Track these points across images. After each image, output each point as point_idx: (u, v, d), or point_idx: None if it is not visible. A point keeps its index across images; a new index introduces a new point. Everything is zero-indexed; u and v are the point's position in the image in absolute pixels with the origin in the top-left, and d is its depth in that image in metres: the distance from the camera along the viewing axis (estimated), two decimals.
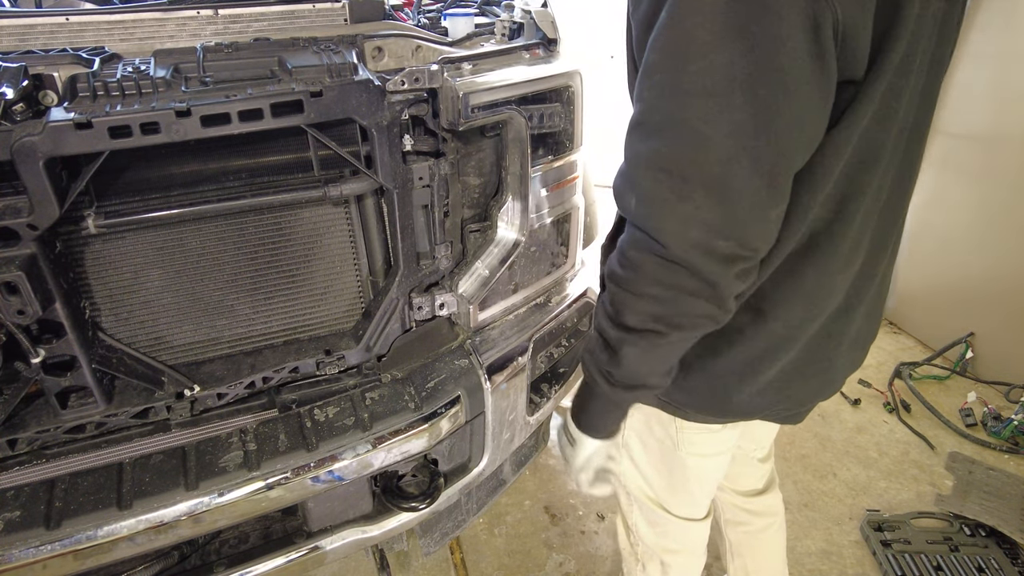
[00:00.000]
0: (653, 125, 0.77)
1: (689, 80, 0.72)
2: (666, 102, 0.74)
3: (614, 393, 0.94)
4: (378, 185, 1.23)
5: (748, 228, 0.76)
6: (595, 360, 0.94)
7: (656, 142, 0.76)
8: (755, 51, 0.69)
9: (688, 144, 0.73)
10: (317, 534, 1.32)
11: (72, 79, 0.99)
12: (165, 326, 1.25)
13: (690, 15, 0.71)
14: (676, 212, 0.76)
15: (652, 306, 0.82)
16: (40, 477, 1.12)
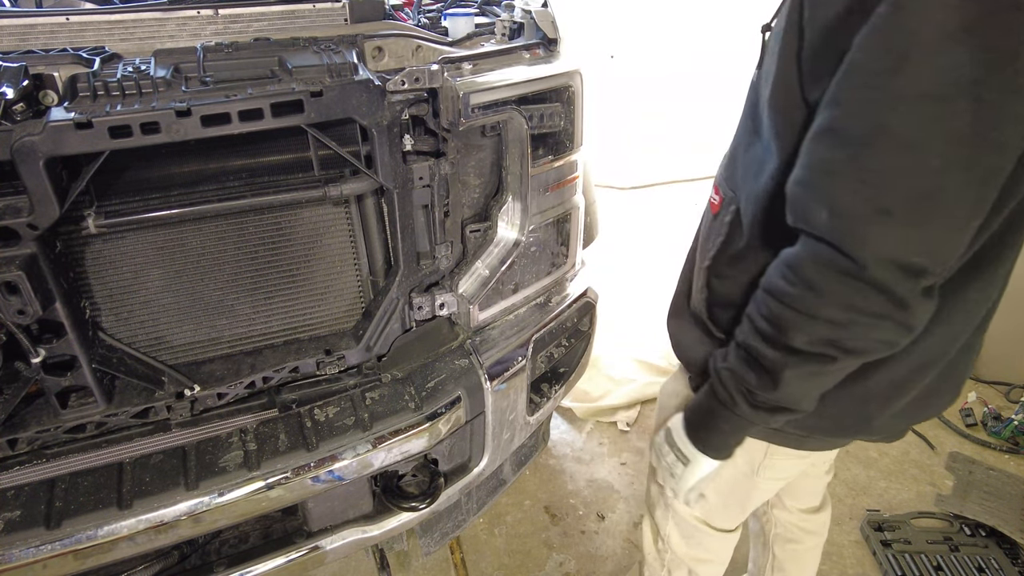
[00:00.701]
0: (854, 131, 0.71)
1: (906, 83, 0.66)
2: (873, 107, 0.69)
3: (754, 415, 0.89)
4: (378, 185, 1.23)
5: (948, 243, 0.72)
6: (739, 380, 0.88)
7: (856, 150, 0.71)
8: (989, 52, 0.63)
9: (896, 153, 0.68)
10: (317, 534, 1.32)
11: (72, 79, 0.99)
12: (165, 326, 1.25)
13: (918, 10, 0.64)
14: (876, 227, 0.71)
15: (828, 330, 0.77)
16: (40, 477, 1.12)
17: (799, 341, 0.80)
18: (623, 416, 2.57)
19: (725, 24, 7.22)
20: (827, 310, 0.76)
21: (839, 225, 0.73)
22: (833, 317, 0.76)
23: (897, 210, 0.69)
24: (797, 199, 0.79)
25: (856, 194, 0.71)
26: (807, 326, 0.78)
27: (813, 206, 0.75)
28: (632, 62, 5.72)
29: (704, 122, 5.44)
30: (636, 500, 2.22)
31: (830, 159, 0.73)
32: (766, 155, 0.90)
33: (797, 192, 0.78)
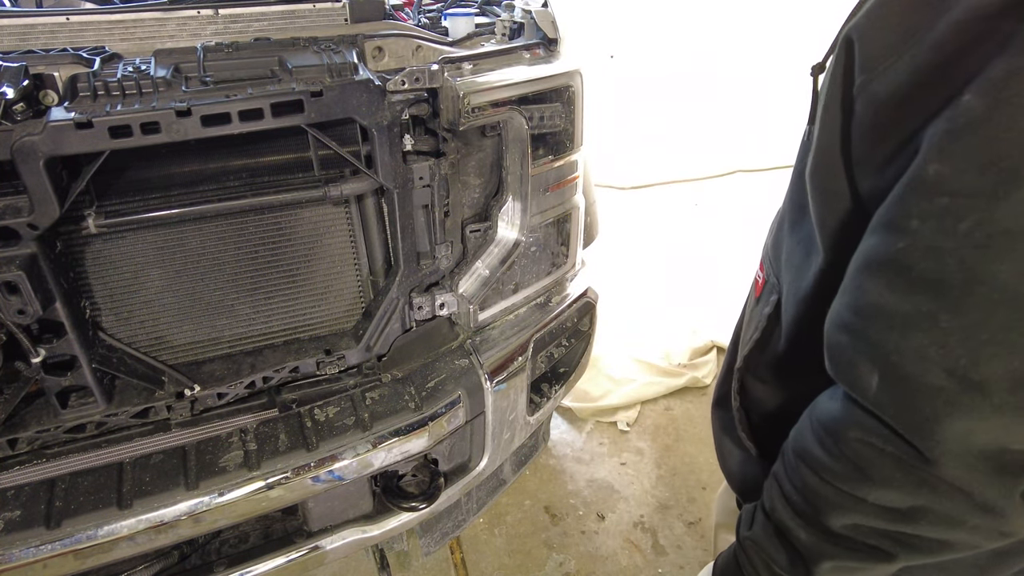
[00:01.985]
0: (927, 273, 0.50)
1: (1012, 214, 0.46)
2: (961, 242, 0.48)
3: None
4: (378, 185, 1.23)
5: None
6: (766, 558, 0.70)
7: (933, 301, 0.50)
8: None
9: (997, 314, 0.48)
10: (317, 534, 1.32)
11: (72, 79, 0.99)
12: (165, 326, 1.25)
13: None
14: (958, 410, 0.50)
15: (883, 520, 0.58)
16: (40, 477, 1.12)
17: (840, 525, 0.61)
18: (623, 416, 2.57)
19: (725, 24, 7.23)
20: (882, 496, 0.57)
21: (899, 401, 0.53)
22: (891, 504, 0.57)
23: (993, 386, 0.49)
24: (838, 350, 0.59)
25: (928, 361, 0.51)
26: (855, 509, 0.59)
27: (861, 365, 0.56)
28: (632, 62, 5.72)
29: (704, 122, 5.45)
30: (636, 500, 2.22)
31: (888, 306, 0.53)
32: (811, 245, 0.71)
33: (839, 341, 0.58)
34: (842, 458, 0.58)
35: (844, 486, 0.59)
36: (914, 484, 0.55)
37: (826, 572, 0.64)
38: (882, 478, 0.56)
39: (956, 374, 0.50)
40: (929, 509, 0.55)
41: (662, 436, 2.51)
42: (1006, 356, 0.49)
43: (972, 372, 0.50)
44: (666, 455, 2.42)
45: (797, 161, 0.78)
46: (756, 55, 5.95)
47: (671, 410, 2.65)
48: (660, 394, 2.69)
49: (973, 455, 0.51)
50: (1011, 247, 0.47)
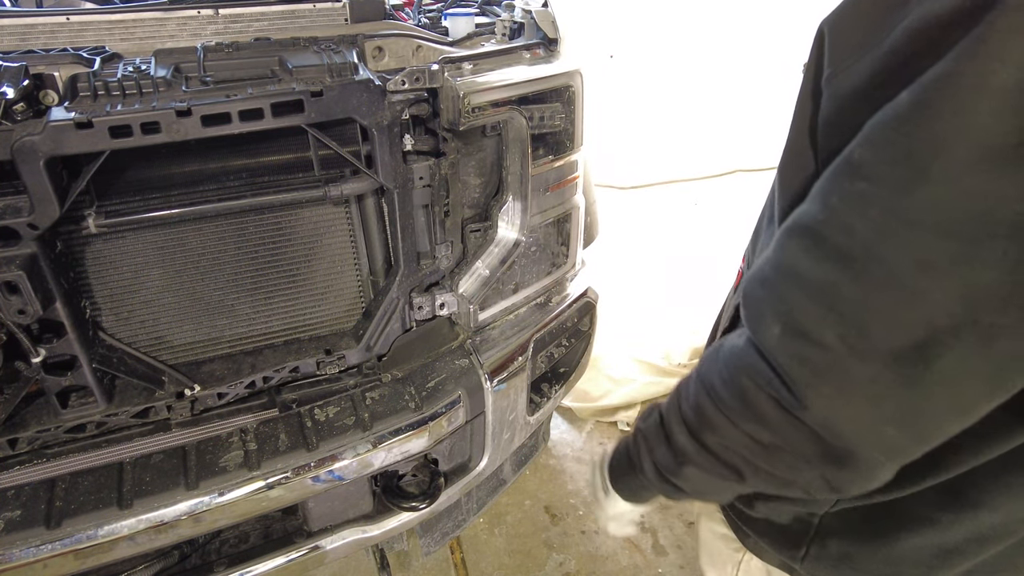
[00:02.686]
0: (838, 247, 0.54)
1: (918, 208, 0.49)
2: (869, 225, 0.52)
3: (658, 486, 0.82)
4: (378, 185, 1.23)
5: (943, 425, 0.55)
6: (650, 448, 0.80)
7: (836, 271, 0.54)
8: None
9: (888, 294, 0.52)
10: (317, 534, 1.32)
11: (73, 79, 0.99)
12: (165, 326, 1.25)
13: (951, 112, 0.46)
14: (837, 373, 0.55)
15: (747, 447, 0.66)
16: (41, 476, 1.12)
17: (713, 442, 0.69)
18: (623, 416, 2.57)
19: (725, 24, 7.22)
20: (754, 428, 0.64)
21: (792, 353, 0.58)
22: (759, 437, 0.64)
23: (876, 364, 0.53)
24: (752, 299, 0.64)
25: (824, 325, 0.55)
26: (728, 433, 0.67)
27: (768, 317, 0.60)
28: (632, 62, 5.71)
29: (704, 122, 5.44)
30: None
31: (803, 270, 0.57)
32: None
33: (755, 291, 0.63)
34: (732, 390, 0.65)
35: (726, 412, 0.66)
36: (782, 425, 0.61)
37: (689, 474, 0.75)
38: (758, 414, 0.63)
39: (846, 341, 0.54)
40: (788, 449, 0.62)
41: None
42: (888, 333, 0.52)
43: (859, 342, 0.54)
44: None
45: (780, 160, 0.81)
46: (756, 55, 5.95)
47: None
48: (660, 394, 2.69)
49: (839, 412, 0.57)
50: (907, 238, 0.50)
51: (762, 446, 0.64)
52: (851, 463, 0.59)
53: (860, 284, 0.53)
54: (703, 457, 0.71)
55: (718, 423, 0.68)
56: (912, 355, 0.52)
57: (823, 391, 0.56)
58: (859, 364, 0.54)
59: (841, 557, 0.83)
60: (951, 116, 0.46)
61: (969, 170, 0.46)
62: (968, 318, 0.49)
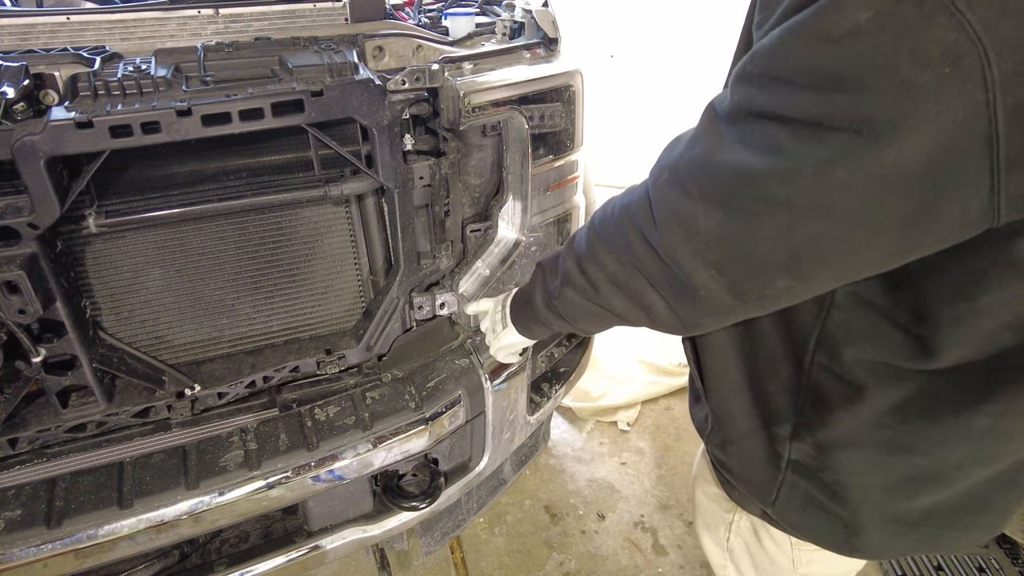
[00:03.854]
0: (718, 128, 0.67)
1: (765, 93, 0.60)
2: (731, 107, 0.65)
3: (543, 313, 0.97)
4: (379, 184, 1.23)
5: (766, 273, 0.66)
6: (543, 277, 0.96)
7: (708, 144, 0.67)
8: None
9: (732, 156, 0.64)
10: (317, 533, 1.32)
11: (73, 78, 0.99)
12: (166, 325, 1.25)
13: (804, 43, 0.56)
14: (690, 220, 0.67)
15: (614, 269, 0.80)
16: (41, 476, 1.12)
17: (589, 266, 0.83)
18: (623, 416, 2.57)
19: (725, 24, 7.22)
20: (620, 252, 0.78)
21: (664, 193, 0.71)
22: (622, 259, 0.78)
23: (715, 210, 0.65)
24: (662, 153, 0.77)
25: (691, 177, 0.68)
26: (602, 257, 0.81)
27: (663, 165, 0.73)
28: (632, 62, 5.72)
29: None
30: (636, 500, 2.22)
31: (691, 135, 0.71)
32: None
33: (666, 148, 0.77)
34: (615, 225, 0.79)
35: (605, 240, 0.80)
36: (643, 251, 0.74)
37: (566, 294, 0.89)
38: (627, 242, 0.76)
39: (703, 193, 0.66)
40: (641, 271, 0.75)
41: (662, 436, 2.51)
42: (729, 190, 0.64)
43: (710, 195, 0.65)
44: (666, 455, 2.42)
45: None
46: None
47: (671, 409, 2.65)
48: (660, 393, 2.69)
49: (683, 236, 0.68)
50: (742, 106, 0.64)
51: (622, 266, 0.78)
52: (689, 293, 0.71)
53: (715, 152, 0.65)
54: (579, 279, 0.85)
55: (597, 250, 0.82)
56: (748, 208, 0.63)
57: (676, 231, 0.69)
58: (705, 214, 0.66)
59: (807, 499, 0.89)
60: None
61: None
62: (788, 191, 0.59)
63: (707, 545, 1.21)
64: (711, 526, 1.17)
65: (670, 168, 0.71)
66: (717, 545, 1.16)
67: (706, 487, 1.16)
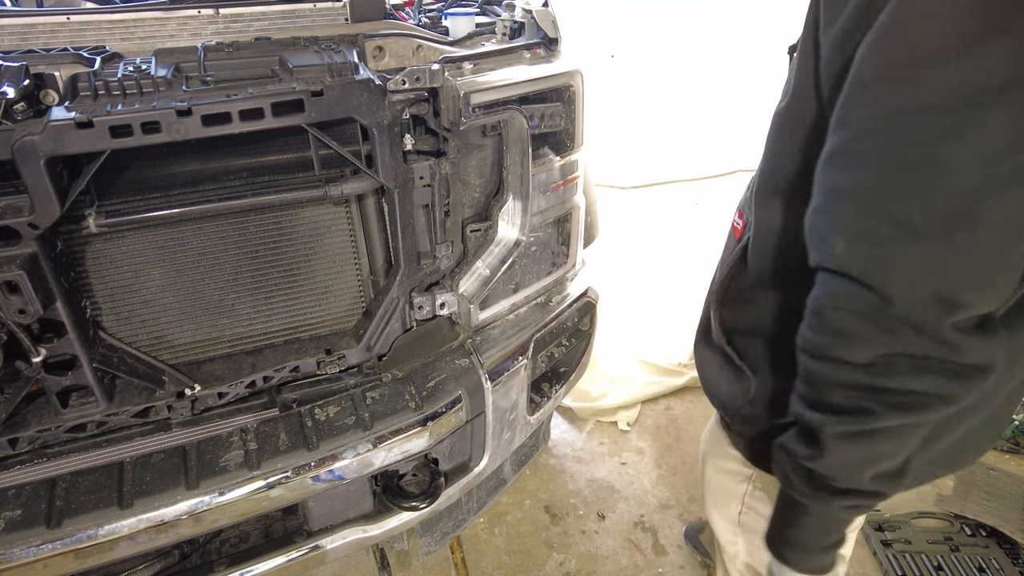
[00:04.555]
0: (865, 152, 0.64)
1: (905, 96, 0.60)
2: (875, 123, 0.63)
3: (818, 500, 0.78)
4: (379, 184, 1.23)
5: (992, 270, 0.63)
6: (791, 456, 0.79)
7: (870, 171, 0.64)
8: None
9: (904, 173, 0.61)
10: (318, 533, 1.32)
11: (73, 78, 0.99)
12: (166, 325, 1.25)
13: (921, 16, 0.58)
14: (902, 249, 0.63)
15: (865, 376, 0.68)
16: (41, 476, 1.12)
17: (837, 396, 0.71)
18: (624, 416, 2.57)
19: (725, 24, 7.22)
20: (858, 353, 0.67)
21: (858, 254, 0.65)
22: (867, 361, 0.67)
23: (926, 230, 0.61)
24: (815, 230, 0.71)
25: (873, 216, 0.64)
26: (839, 375, 0.70)
27: (830, 236, 0.68)
28: (633, 62, 5.72)
29: (704, 122, 5.44)
30: (636, 500, 2.22)
31: (843, 183, 0.67)
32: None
33: (814, 221, 0.71)
34: (823, 330, 0.71)
35: (828, 353, 0.70)
36: (876, 330, 0.66)
37: (829, 444, 0.73)
38: (852, 333, 0.67)
39: (896, 223, 0.63)
40: (895, 355, 0.66)
41: (662, 436, 2.51)
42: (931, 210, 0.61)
43: (909, 220, 0.62)
44: (666, 455, 2.42)
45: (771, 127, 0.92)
46: (757, 54, 5.95)
47: (671, 410, 2.65)
48: (660, 393, 2.69)
49: (919, 290, 0.63)
50: (900, 124, 0.61)
51: (874, 367, 0.67)
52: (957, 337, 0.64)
53: (882, 174, 0.63)
54: (835, 418, 0.72)
55: (830, 373, 0.71)
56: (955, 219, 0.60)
57: (900, 279, 0.63)
58: (911, 245, 0.62)
59: None
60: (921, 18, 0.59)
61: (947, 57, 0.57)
62: (981, 172, 0.59)
63: (717, 522, 1.21)
64: (722, 502, 1.17)
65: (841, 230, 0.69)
66: (728, 521, 1.17)
67: (718, 463, 1.15)
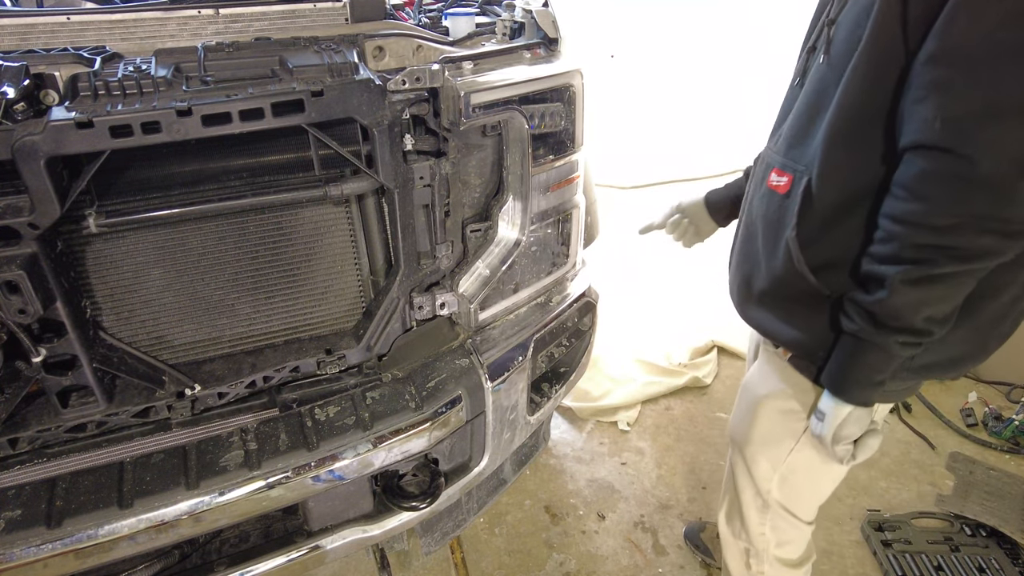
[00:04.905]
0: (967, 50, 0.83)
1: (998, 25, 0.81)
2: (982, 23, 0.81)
3: (880, 335, 0.97)
4: (379, 184, 1.23)
5: None
6: (859, 304, 0.98)
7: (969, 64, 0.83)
8: None
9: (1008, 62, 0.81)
10: (318, 533, 1.32)
11: (73, 78, 0.99)
12: (166, 325, 1.25)
13: None
14: (990, 123, 0.81)
15: (934, 236, 0.87)
16: (41, 476, 1.12)
17: (909, 252, 0.90)
18: (623, 416, 2.57)
19: (726, 24, 7.22)
20: (934, 217, 0.86)
21: (952, 126, 0.83)
22: (939, 223, 0.86)
23: (1011, 109, 0.79)
24: (913, 115, 0.88)
25: (968, 99, 0.82)
26: (915, 235, 0.88)
27: (929, 117, 0.85)
28: (632, 62, 5.72)
29: (704, 121, 5.44)
30: (636, 500, 2.22)
31: (943, 75, 0.84)
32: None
33: (913, 109, 0.88)
34: (908, 197, 0.89)
35: (911, 218, 0.89)
36: (959, 192, 0.85)
37: (896, 287, 0.92)
38: (935, 198, 0.86)
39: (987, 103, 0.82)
40: (967, 217, 0.85)
41: (662, 436, 2.51)
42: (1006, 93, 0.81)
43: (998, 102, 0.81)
44: (666, 455, 2.42)
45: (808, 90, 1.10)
46: (756, 54, 5.95)
47: (671, 410, 2.65)
48: (660, 394, 2.69)
49: (1001, 156, 0.81)
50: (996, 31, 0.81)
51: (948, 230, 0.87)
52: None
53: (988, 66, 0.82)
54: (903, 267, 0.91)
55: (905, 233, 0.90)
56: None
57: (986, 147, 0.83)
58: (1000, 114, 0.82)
59: None
60: None
61: None
62: None
63: (759, 463, 1.33)
64: (773, 442, 1.29)
65: None
66: (772, 460, 1.30)
67: (778, 403, 1.26)
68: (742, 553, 1.45)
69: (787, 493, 1.33)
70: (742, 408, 1.38)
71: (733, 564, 1.48)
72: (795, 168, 1.10)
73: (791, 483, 1.31)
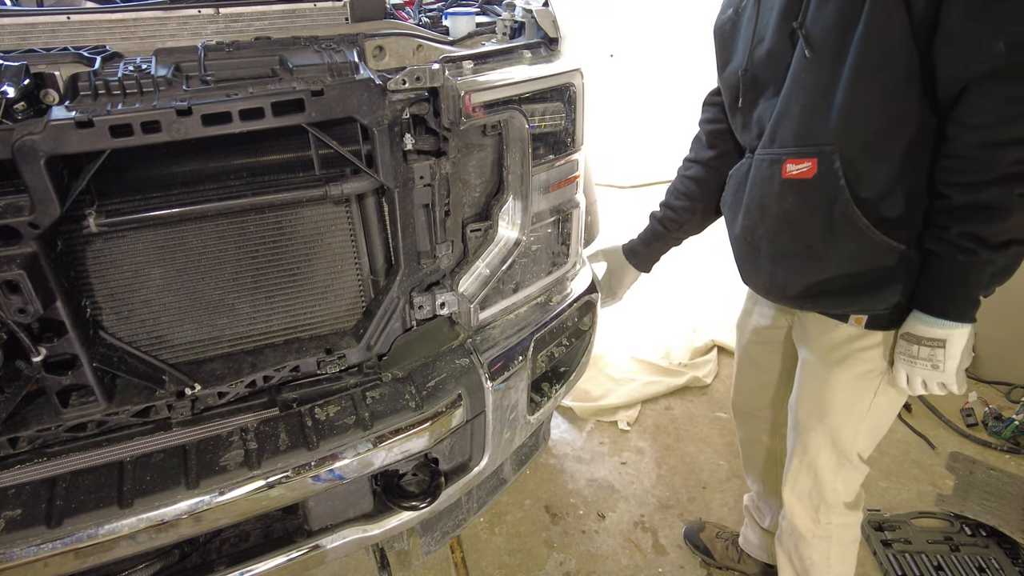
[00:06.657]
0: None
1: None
2: None
3: (994, 255, 1.03)
4: (379, 184, 1.23)
5: None
6: (969, 236, 1.04)
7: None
8: None
9: None
10: (318, 533, 1.32)
11: (73, 78, 0.99)
12: (166, 325, 1.25)
13: None
14: None
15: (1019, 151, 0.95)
16: (41, 475, 1.12)
17: (1005, 167, 0.96)
18: (623, 415, 2.57)
19: None
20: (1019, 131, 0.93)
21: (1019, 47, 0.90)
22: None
23: None
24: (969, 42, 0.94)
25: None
26: (1007, 152, 0.95)
27: (990, 40, 0.92)
28: (632, 62, 5.71)
29: None
30: (636, 499, 2.22)
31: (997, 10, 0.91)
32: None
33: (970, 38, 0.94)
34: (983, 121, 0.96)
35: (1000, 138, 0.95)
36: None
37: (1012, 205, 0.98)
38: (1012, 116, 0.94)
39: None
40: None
41: (662, 436, 2.51)
42: None
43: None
44: (666, 454, 2.42)
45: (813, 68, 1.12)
46: None
47: (671, 409, 2.65)
48: (660, 393, 2.70)
49: None
50: None
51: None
52: None
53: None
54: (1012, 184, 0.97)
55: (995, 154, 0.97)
56: None
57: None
58: None
59: None
60: None
61: None
62: None
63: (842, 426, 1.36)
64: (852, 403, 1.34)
65: None
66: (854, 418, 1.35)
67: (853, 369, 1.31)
68: (812, 510, 1.49)
69: (869, 441, 1.40)
70: (808, 388, 1.42)
71: (801, 522, 1.51)
72: (818, 150, 1.14)
73: (872, 430, 1.38)
